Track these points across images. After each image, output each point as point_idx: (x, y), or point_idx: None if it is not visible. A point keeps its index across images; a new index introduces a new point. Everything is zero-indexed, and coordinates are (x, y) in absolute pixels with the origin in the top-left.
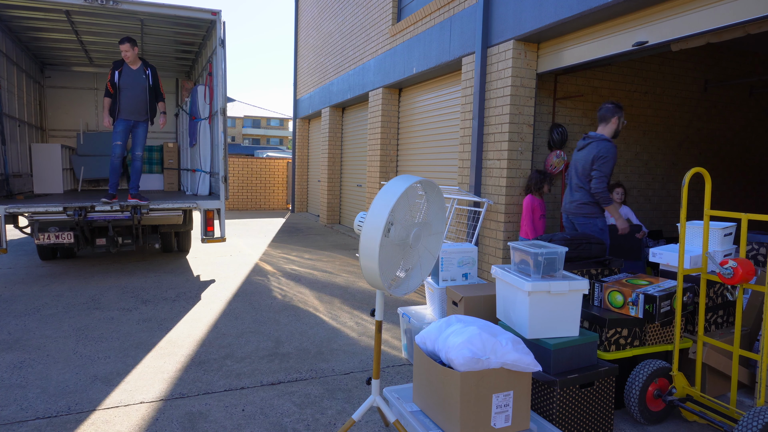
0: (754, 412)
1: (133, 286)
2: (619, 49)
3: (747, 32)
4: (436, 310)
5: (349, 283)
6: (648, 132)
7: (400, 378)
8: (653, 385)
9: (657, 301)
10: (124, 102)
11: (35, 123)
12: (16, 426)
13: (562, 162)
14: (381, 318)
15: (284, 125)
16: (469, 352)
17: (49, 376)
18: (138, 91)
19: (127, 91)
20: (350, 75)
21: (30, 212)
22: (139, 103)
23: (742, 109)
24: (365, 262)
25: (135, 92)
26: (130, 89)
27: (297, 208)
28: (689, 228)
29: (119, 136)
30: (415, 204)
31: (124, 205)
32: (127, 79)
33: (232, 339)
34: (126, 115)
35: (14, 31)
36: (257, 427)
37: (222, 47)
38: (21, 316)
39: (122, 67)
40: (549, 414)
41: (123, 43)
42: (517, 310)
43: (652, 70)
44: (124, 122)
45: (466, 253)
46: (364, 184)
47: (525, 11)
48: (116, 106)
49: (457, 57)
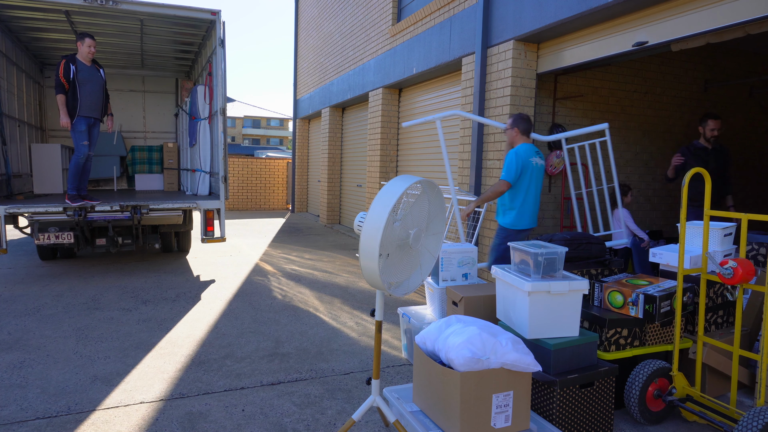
0: (754, 412)
1: (133, 286)
2: (619, 50)
3: (747, 32)
4: (436, 310)
5: (349, 283)
6: (648, 132)
7: (400, 378)
8: (653, 385)
9: (657, 301)
10: (84, 98)
11: (35, 123)
12: (16, 426)
13: (562, 162)
14: (381, 318)
15: (284, 125)
16: (469, 352)
17: (49, 376)
18: (96, 88)
19: (86, 86)
20: (350, 75)
21: (30, 212)
22: (98, 101)
23: (742, 109)
24: (365, 262)
25: (94, 88)
26: (88, 85)
27: (297, 208)
28: (689, 228)
29: (84, 136)
30: (408, 203)
31: (124, 205)
32: (84, 74)
33: (232, 339)
34: (86, 111)
35: (14, 31)
36: (257, 427)
37: (222, 47)
38: (21, 316)
39: (76, 62)
40: (549, 414)
41: (89, 38)
42: (517, 310)
43: (652, 70)
44: (85, 120)
45: (466, 253)
46: (364, 184)
47: (525, 11)
48: (75, 102)
49: (457, 57)
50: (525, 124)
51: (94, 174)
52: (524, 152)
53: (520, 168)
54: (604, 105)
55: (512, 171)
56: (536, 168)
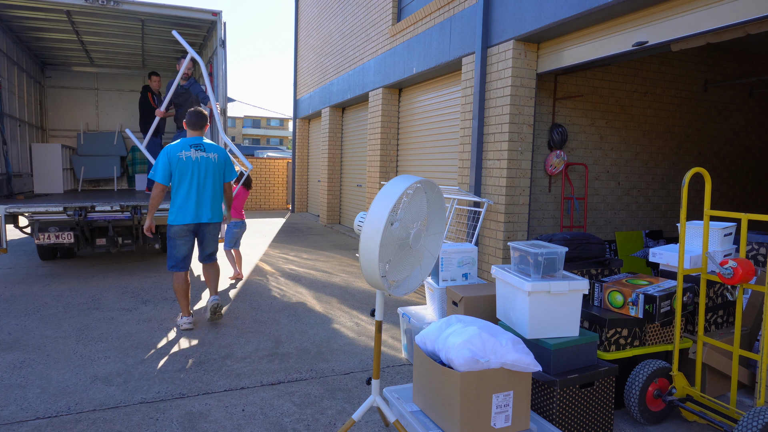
0: (754, 412)
1: (133, 286)
2: (619, 49)
3: (747, 32)
4: (436, 310)
5: (349, 283)
6: (648, 132)
7: (400, 378)
8: (653, 385)
9: (657, 301)
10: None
11: (36, 123)
12: (16, 426)
13: (562, 162)
14: (381, 318)
15: (284, 125)
16: (469, 352)
17: (49, 376)
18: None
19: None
20: (350, 75)
21: (30, 212)
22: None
23: (742, 109)
24: (365, 263)
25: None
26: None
27: (297, 208)
28: (689, 228)
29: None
30: (408, 203)
31: (125, 205)
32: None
33: (232, 339)
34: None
35: (15, 31)
36: (257, 427)
37: (222, 48)
38: (21, 316)
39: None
40: (549, 414)
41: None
42: (517, 310)
43: (652, 70)
44: None
45: (466, 253)
46: (364, 184)
47: (525, 11)
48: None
49: (457, 57)
50: (189, 117)
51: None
52: (173, 147)
53: (166, 165)
54: (604, 105)
55: (158, 171)
56: (190, 162)
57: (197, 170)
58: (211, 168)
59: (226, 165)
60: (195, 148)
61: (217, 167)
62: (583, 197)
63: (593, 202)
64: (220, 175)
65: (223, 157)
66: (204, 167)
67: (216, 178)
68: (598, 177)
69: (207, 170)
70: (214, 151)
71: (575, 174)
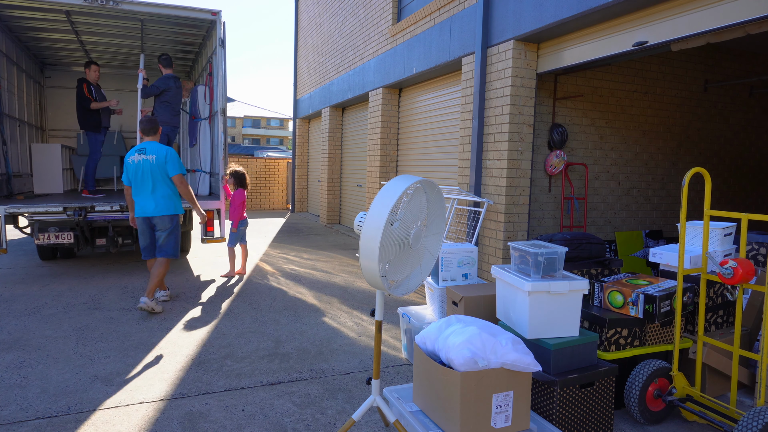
0: (754, 412)
1: (133, 286)
2: (619, 49)
3: (747, 32)
4: (436, 310)
5: (349, 283)
6: (648, 132)
7: (400, 378)
8: (653, 385)
9: (657, 301)
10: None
11: (35, 123)
12: (16, 426)
13: (562, 162)
14: (381, 318)
15: (284, 125)
16: (469, 352)
17: (49, 376)
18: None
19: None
20: (350, 75)
21: (30, 212)
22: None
23: (742, 109)
24: (365, 262)
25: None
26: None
27: (297, 208)
28: (689, 228)
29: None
30: (408, 203)
31: (124, 206)
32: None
33: (232, 339)
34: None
35: (14, 31)
36: (257, 427)
37: (222, 47)
38: (21, 316)
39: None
40: (549, 414)
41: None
42: (517, 310)
43: (652, 70)
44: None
45: (466, 253)
46: (364, 184)
47: (525, 11)
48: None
49: (457, 57)
50: (142, 124)
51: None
52: (128, 153)
53: (125, 168)
54: (604, 105)
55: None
56: (134, 164)
57: (140, 171)
58: (149, 168)
59: (167, 162)
60: (138, 153)
61: (155, 166)
62: (583, 197)
63: (593, 202)
64: (159, 173)
65: (162, 155)
66: (142, 168)
67: (155, 175)
68: (598, 177)
69: (145, 170)
70: (154, 152)
71: (575, 174)
